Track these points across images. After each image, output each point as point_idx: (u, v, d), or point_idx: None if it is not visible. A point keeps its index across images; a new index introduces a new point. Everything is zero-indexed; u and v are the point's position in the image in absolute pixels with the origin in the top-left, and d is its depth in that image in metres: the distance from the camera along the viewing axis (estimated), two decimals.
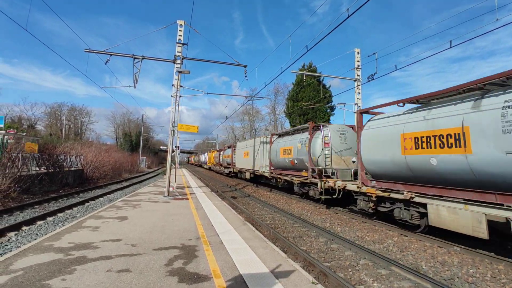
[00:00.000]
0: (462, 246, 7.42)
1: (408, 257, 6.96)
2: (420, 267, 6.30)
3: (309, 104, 31.43)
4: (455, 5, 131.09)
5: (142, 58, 14.94)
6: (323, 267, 5.89)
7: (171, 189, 14.91)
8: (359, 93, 17.91)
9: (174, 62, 15.37)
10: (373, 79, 15.64)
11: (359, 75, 17.94)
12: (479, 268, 6.18)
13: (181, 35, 15.56)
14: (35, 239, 7.52)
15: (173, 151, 15.93)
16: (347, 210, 12.98)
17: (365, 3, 7.94)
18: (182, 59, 15.55)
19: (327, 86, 36.79)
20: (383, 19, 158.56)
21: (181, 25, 15.52)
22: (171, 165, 15.44)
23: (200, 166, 76.97)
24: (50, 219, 10.87)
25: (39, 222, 10.26)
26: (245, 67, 16.55)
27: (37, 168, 18.47)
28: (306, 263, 6.34)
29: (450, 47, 10.51)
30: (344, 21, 9.23)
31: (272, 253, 5.91)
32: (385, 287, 5.31)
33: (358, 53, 18.07)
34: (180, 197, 14.20)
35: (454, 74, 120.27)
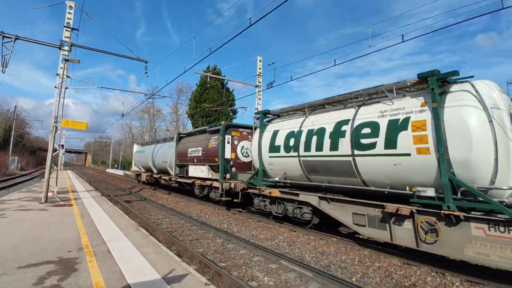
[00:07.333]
0: (338, 237, 8.61)
1: (295, 250, 7.66)
2: (304, 259, 7.01)
3: (212, 106, 31.61)
4: (343, 26, 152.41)
5: (16, 39, 12.42)
6: (218, 267, 5.95)
7: (50, 194, 12.81)
8: (260, 98, 18.96)
9: (60, 48, 13.30)
10: (272, 87, 16.91)
11: (260, 82, 18.98)
12: (349, 255, 7.24)
13: (70, 18, 13.59)
14: None
15: (56, 150, 13.77)
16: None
17: (267, 14, 8.54)
18: (71, 46, 13.58)
19: (230, 90, 37.66)
20: (283, 30, 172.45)
21: (70, 6, 13.58)
22: (51, 166, 13.26)
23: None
24: None
25: None
26: (146, 62, 15.59)
27: None
28: (202, 265, 6.29)
29: (334, 65, 12.20)
30: (246, 28, 9.74)
31: (166, 258, 5.67)
32: (274, 280, 5.70)
33: (260, 61, 19.14)
34: (62, 203, 12.32)
35: (340, 88, 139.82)
